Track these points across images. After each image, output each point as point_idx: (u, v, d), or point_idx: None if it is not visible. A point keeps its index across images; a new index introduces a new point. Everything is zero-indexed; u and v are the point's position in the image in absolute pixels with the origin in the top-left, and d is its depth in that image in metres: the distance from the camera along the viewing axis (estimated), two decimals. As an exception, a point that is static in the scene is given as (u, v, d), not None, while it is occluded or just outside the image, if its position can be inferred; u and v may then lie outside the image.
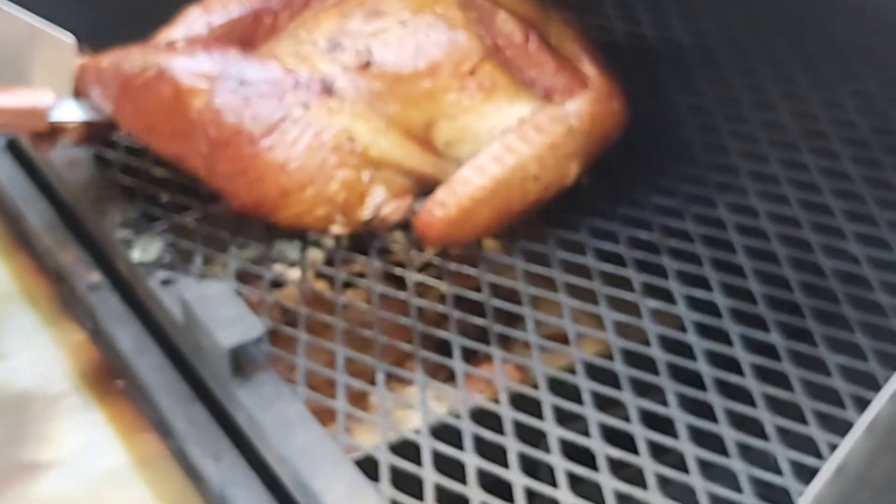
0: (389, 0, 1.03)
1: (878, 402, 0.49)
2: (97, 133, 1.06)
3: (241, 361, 0.87)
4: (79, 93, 1.03)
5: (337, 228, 1.00)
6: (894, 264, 0.94)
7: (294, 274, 1.04)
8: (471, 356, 0.93)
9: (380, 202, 0.98)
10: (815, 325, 0.91)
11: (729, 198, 1.04)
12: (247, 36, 1.08)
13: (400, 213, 0.98)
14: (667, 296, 0.95)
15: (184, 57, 1.00)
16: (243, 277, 1.01)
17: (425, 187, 1.00)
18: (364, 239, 1.04)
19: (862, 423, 0.49)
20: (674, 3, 1.29)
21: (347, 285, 1.03)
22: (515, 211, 0.99)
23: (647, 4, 1.30)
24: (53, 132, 1.02)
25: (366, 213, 0.98)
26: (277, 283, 1.04)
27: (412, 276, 1.00)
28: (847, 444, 0.49)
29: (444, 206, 0.97)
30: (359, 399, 0.93)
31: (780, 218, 1.01)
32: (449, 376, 0.92)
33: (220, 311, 0.88)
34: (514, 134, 0.98)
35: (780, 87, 1.14)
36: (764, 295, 0.94)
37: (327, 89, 0.99)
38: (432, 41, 1.00)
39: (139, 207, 1.06)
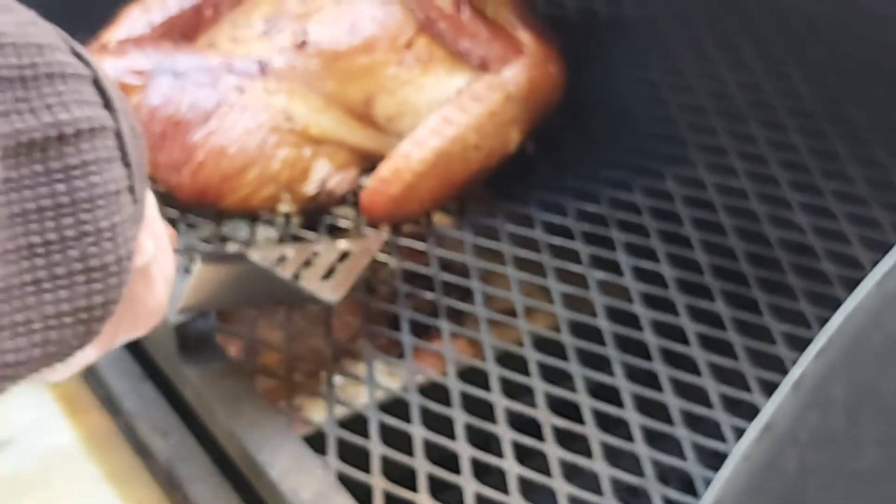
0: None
1: (805, 359, 0.49)
2: None
3: (188, 338, 0.87)
4: None
5: (285, 207, 1.00)
6: (839, 233, 0.95)
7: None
8: (424, 332, 0.93)
9: (324, 176, 0.98)
10: (760, 294, 0.91)
11: (677, 170, 1.04)
12: (189, 30, 1.08)
13: (346, 185, 0.98)
14: (614, 267, 0.95)
15: (116, 56, 1.01)
16: (191, 255, 1.01)
17: (371, 162, 1.00)
18: (315, 217, 1.04)
19: (788, 380, 0.49)
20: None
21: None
22: (459, 182, 0.99)
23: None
24: None
25: (311, 187, 0.98)
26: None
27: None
28: (774, 402, 0.49)
29: (387, 183, 0.97)
30: (313, 376, 0.93)
31: (728, 189, 1.01)
32: (403, 352, 0.92)
33: (166, 287, 0.88)
34: (451, 105, 0.98)
35: (727, 57, 1.15)
36: (710, 265, 0.94)
37: (263, 71, 0.99)
38: (367, 17, 1.01)
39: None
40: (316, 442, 0.83)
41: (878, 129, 1.03)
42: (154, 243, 0.53)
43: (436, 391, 0.87)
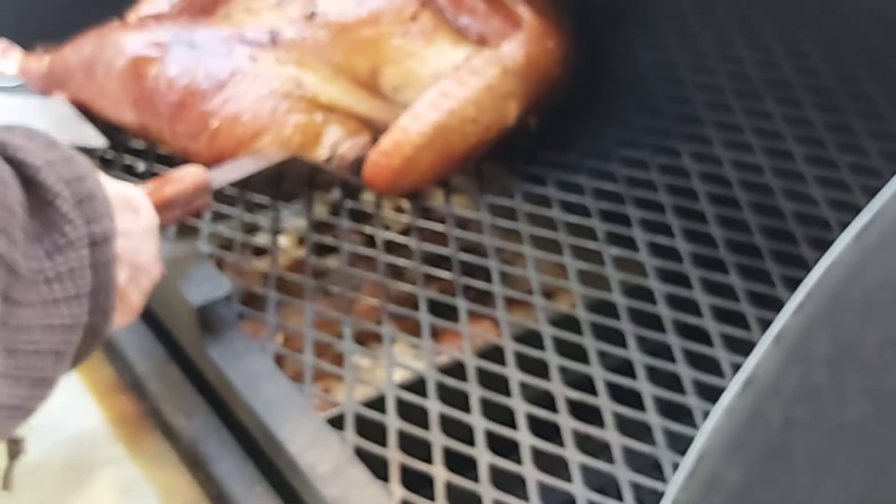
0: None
1: (785, 313, 0.50)
2: None
3: (210, 320, 0.89)
4: (50, 90, 1.07)
5: None
6: (853, 205, 0.95)
7: (264, 239, 1.06)
8: (449, 313, 0.95)
9: (336, 141, 0.99)
10: (773, 266, 0.91)
11: (693, 147, 1.05)
12: (208, 6, 1.10)
13: (357, 150, 0.99)
14: (630, 243, 0.96)
15: (136, 30, 1.04)
16: (221, 243, 1.03)
17: (378, 132, 1.01)
18: (338, 203, 1.06)
19: (769, 335, 0.50)
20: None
21: (330, 250, 1.05)
22: (458, 154, 1.00)
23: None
24: None
25: (323, 152, 0.99)
26: (259, 250, 1.06)
27: (381, 235, 1.02)
28: (755, 356, 0.50)
29: (388, 156, 0.98)
30: (334, 357, 0.94)
31: (743, 165, 1.02)
32: (431, 332, 0.93)
33: (189, 271, 0.90)
34: (449, 79, 0.99)
35: (746, 38, 1.15)
36: (724, 239, 0.95)
37: (274, 41, 1.01)
38: None
39: (115, 176, 1.07)
40: (336, 420, 0.84)
41: (894, 103, 1.03)
42: (129, 272, 0.70)
43: (454, 369, 0.88)
